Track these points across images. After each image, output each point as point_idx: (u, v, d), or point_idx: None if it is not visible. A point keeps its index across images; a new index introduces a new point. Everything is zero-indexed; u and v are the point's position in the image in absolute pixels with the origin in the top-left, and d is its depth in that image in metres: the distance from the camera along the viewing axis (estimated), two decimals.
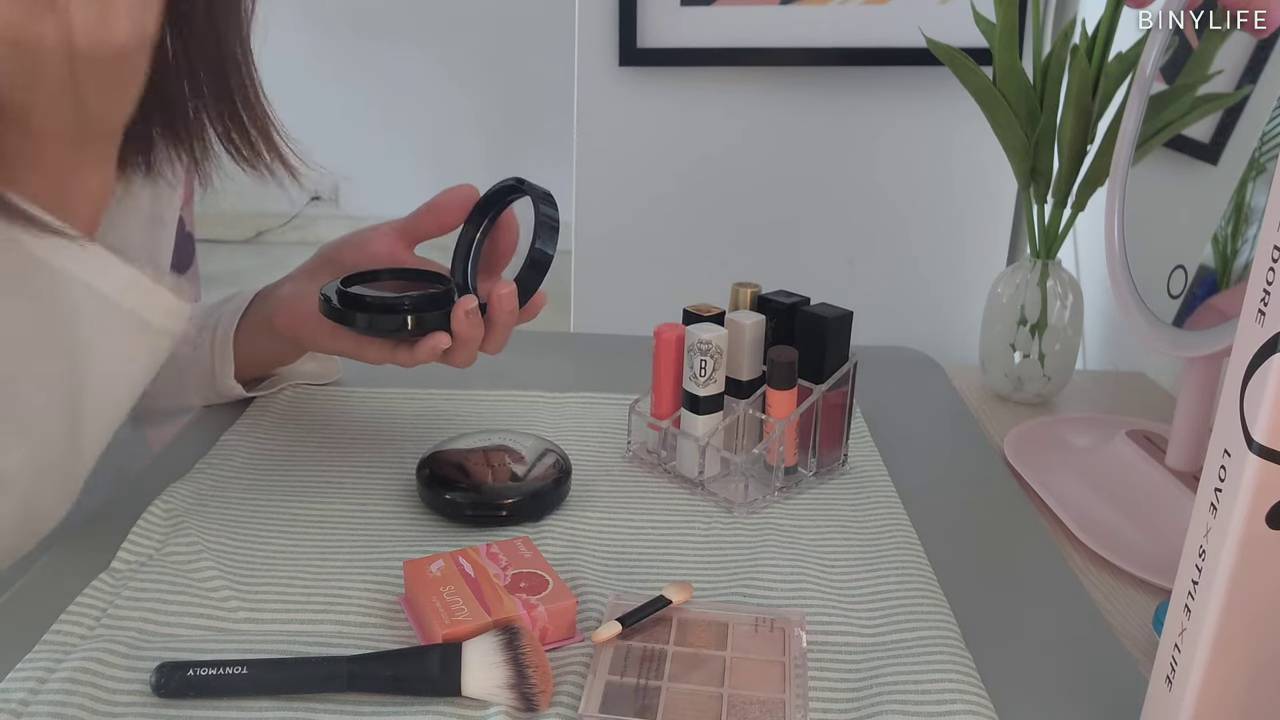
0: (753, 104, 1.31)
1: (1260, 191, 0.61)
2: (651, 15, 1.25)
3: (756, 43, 1.26)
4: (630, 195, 1.35)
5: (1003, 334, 0.86)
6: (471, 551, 0.54)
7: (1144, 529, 0.65)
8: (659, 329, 0.67)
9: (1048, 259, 0.85)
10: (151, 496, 0.61)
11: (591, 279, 1.39)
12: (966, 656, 0.50)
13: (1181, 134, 0.70)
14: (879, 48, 1.25)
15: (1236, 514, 0.36)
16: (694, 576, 0.57)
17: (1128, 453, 0.71)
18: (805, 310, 0.66)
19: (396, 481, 0.66)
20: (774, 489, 0.66)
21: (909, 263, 1.37)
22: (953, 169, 1.33)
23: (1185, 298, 0.66)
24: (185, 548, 0.57)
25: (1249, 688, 0.38)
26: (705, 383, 0.65)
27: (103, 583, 0.53)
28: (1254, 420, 0.35)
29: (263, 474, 0.66)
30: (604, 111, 1.31)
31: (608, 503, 0.64)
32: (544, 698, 0.46)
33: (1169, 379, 0.91)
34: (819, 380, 0.66)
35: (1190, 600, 0.39)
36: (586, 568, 0.57)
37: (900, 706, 0.46)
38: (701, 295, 0.72)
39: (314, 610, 0.53)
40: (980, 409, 0.85)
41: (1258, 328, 0.35)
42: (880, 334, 1.01)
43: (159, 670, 0.46)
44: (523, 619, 0.49)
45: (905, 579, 0.57)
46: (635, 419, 0.70)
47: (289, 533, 0.60)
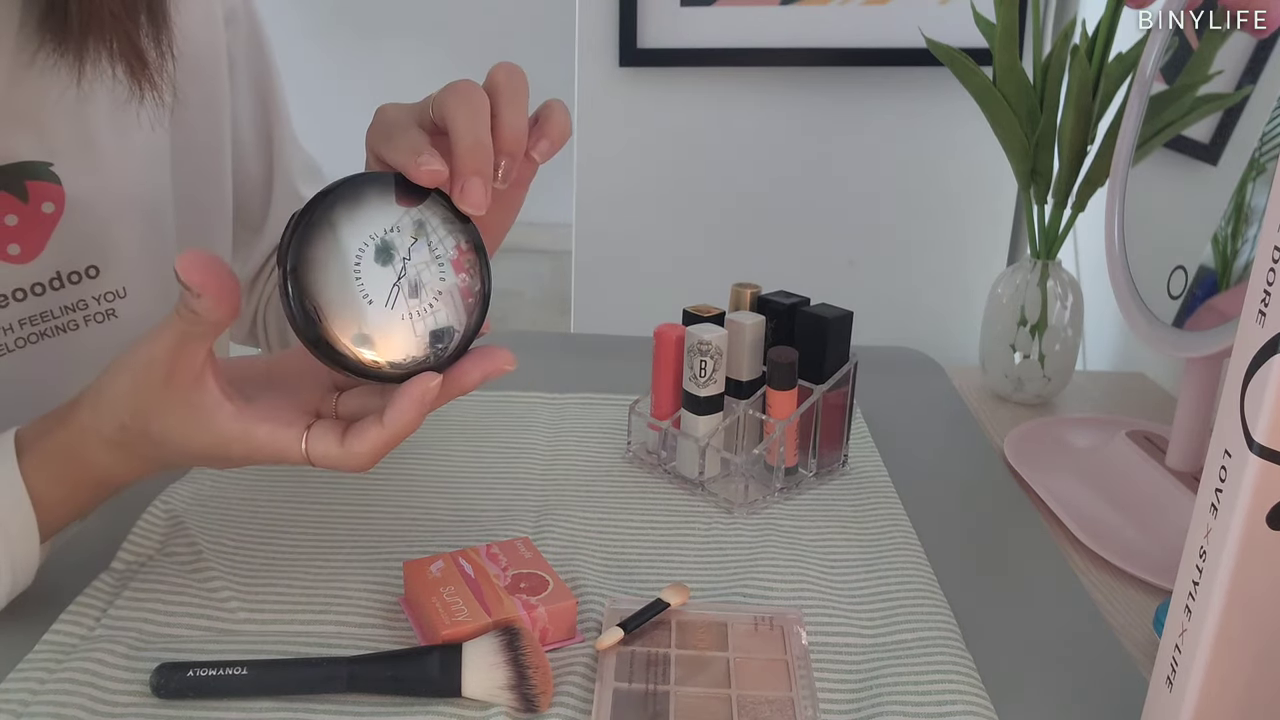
0: (753, 104, 1.31)
1: (1260, 191, 0.61)
2: (651, 15, 1.25)
3: (756, 43, 1.26)
4: (630, 195, 1.35)
5: (1003, 334, 0.86)
6: (471, 552, 0.54)
7: (1144, 529, 0.65)
8: (659, 329, 0.67)
9: (1048, 259, 0.85)
10: (151, 497, 0.61)
11: (591, 279, 1.39)
12: (966, 657, 0.50)
13: (1181, 134, 0.70)
14: (879, 48, 1.25)
15: (1237, 514, 0.36)
16: (694, 577, 0.57)
17: (1128, 453, 0.71)
18: (805, 311, 0.66)
19: (396, 482, 0.66)
20: (774, 489, 0.66)
21: (909, 263, 1.37)
22: (953, 169, 1.33)
23: (1185, 298, 0.66)
24: (185, 548, 0.57)
25: (1249, 688, 0.38)
26: (705, 383, 0.65)
27: (103, 583, 0.53)
28: (1254, 421, 0.35)
29: (262, 474, 0.66)
30: (604, 111, 1.31)
31: (608, 503, 0.64)
32: (544, 699, 0.46)
33: (1169, 379, 0.91)
34: (819, 381, 0.66)
35: (1190, 601, 0.39)
36: (586, 568, 0.57)
37: (900, 707, 0.46)
38: (701, 295, 0.72)
39: (314, 611, 0.53)
40: (980, 409, 0.85)
41: (1258, 328, 0.35)
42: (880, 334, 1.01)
43: (159, 671, 0.46)
44: (523, 619, 0.49)
45: (905, 579, 0.57)
46: (635, 419, 0.70)
47: (289, 533, 0.60)
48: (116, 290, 0.64)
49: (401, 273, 0.44)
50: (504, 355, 0.46)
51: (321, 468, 0.46)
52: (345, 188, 0.44)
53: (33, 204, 0.59)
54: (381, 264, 0.43)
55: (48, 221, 0.60)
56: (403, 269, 0.44)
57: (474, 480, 0.67)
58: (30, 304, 0.60)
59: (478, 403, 0.78)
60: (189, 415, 0.45)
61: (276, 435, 0.45)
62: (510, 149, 0.45)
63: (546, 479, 0.67)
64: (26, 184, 0.58)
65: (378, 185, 0.44)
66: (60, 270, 0.61)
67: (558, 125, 0.48)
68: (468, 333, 0.45)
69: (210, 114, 0.70)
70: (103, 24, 0.56)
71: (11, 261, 0.59)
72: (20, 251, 0.59)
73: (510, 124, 0.45)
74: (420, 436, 0.72)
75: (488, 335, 0.47)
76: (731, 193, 1.35)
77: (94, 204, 0.61)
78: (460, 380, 0.45)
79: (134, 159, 0.64)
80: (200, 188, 0.70)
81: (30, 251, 0.59)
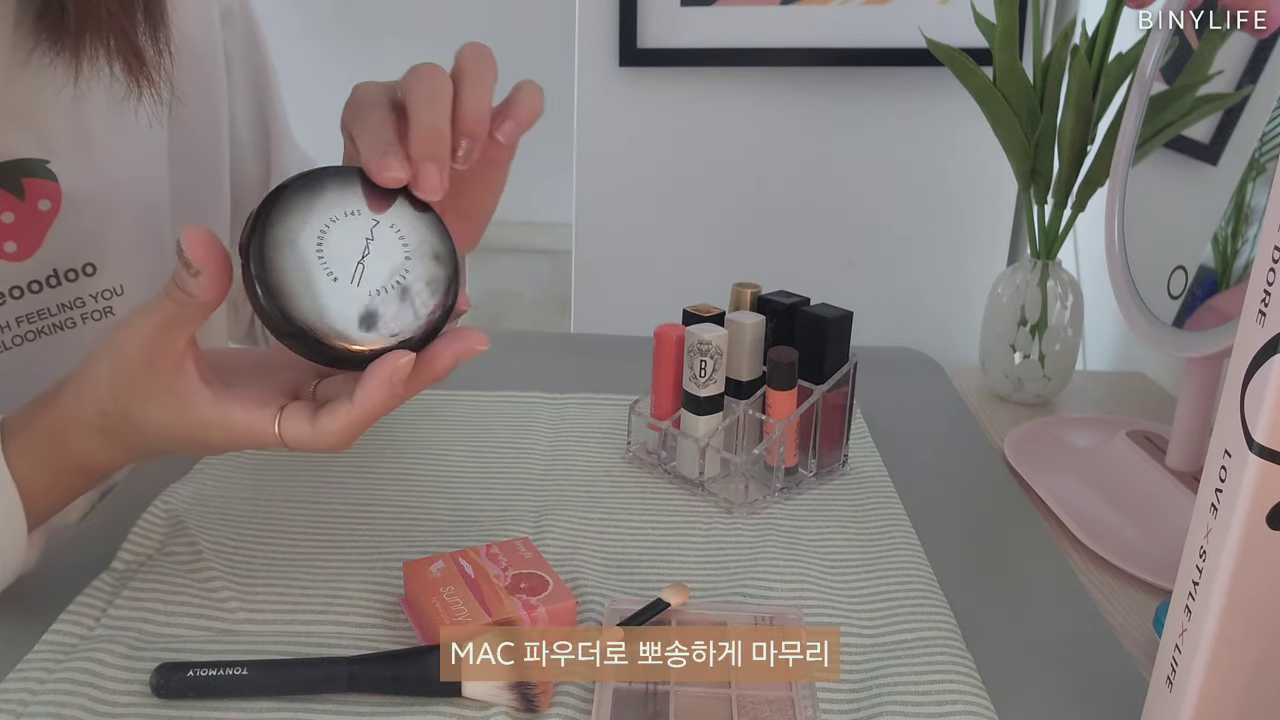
0: (753, 104, 1.31)
1: (1260, 191, 0.61)
2: (651, 15, 1.25)
3: (756, 43, 1.26)
4: (630, 195, 1.35)
5: (1003, 334, 0.86)
6: (471, 552, 0.54)
7: (1144, 529, 0.65)
8: (659, 329, 0.67)
9: (1048, 259, 0.85)
10: (151, 497, 0.61)
11: (591, 279, 1.39)
12: (967, 657, 0.50)
13: (1181, 134, 0.70)
14: (879, 48, 1.25)
15: (1237, 514, 0.36)
16: (694, 577, 0.57)
17: (1128, 453, 0.71)
18: (805, 310, 0.66)
19: (396, 481, 0.66)
20: (774, 489, 0.66)
21: (909, 263, 1.37)
22: (953, 169, 1.33)
23: (1185, 298, 0.66)
24: (185, 548, 0.57)
25: (1249, 688, 0.38)
26: (705, 383, 0.65)
27: (103, 583, 0.53)
28: (1254, 421, 0.35)
29: (262, 474, 0.66)
30: (604, 111, 1.31)
31: (608, 503, 0.64)
32: (544, 699, 0.46)
33: (1169, 379, 0.91)
34: (819, 381, 0.66)
35: (1190, 601, 0.39)
36: (586, 568, 0.57)
37: (900, 707, 0.46)
38: (701, 295, 0.72)
39: (314, 611, 0.53)
40: (980, 409, 0.85)
41: (1258, 328, 0.35)
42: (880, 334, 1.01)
43: (159, 671, 0.46)
44: (523, 619, 0.49)
45: (905, 579, 0.57)
46: (635, 419, 0.70)
47: (289, 533, 0.60)
48: (114, 288, 0.64)
49: (365, 253, 0.43)
50: (476, 335, 0.45)
51: (294, 449, 0.46)
52: (306, 177, 0.44)
53: (29, 201, 0.59)
54: (345, 246, 0.43)
55: (44, 219, 0.60)
56: (366, 249, 0.44)
57: (474, 480, 0.67)
58: (27, 301, 0.60)
59: (478, 403, 0.78)
60: (169, 401, 0.45)
61: (251, 417, 0.45)
62: (471, 130, 0.45)
63: (546, 479, 0.67)
64: (23, 181, 0.58)
65: (340, 175, 0.44)
66: (57, 268, 0.61)
67: (526, 106, 0.47)
68: (437, 315, 0.45)
69: (208, 112, 0.70)
70: (99, 22, 0.56)
71: (8, 259, 0.59)
72: (17, 249, 0.59)
73: (471, 105, 0.45)
74: (420, 436, 0.72)
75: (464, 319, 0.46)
76: (731, 193, 1.35)
77: (91, 202, 0.61)
78: (432, 362, 0.45)
79: (131, 157, 0.64)
80: (198, 186, 0.70)
81: (27, 249, 0.59)
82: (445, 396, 0.78)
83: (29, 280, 0.60)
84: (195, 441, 0.47)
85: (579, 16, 1.27)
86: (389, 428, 0.73)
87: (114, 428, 0.47)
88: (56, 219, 0.60)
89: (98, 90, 0.60)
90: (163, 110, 0.64)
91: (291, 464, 0.68)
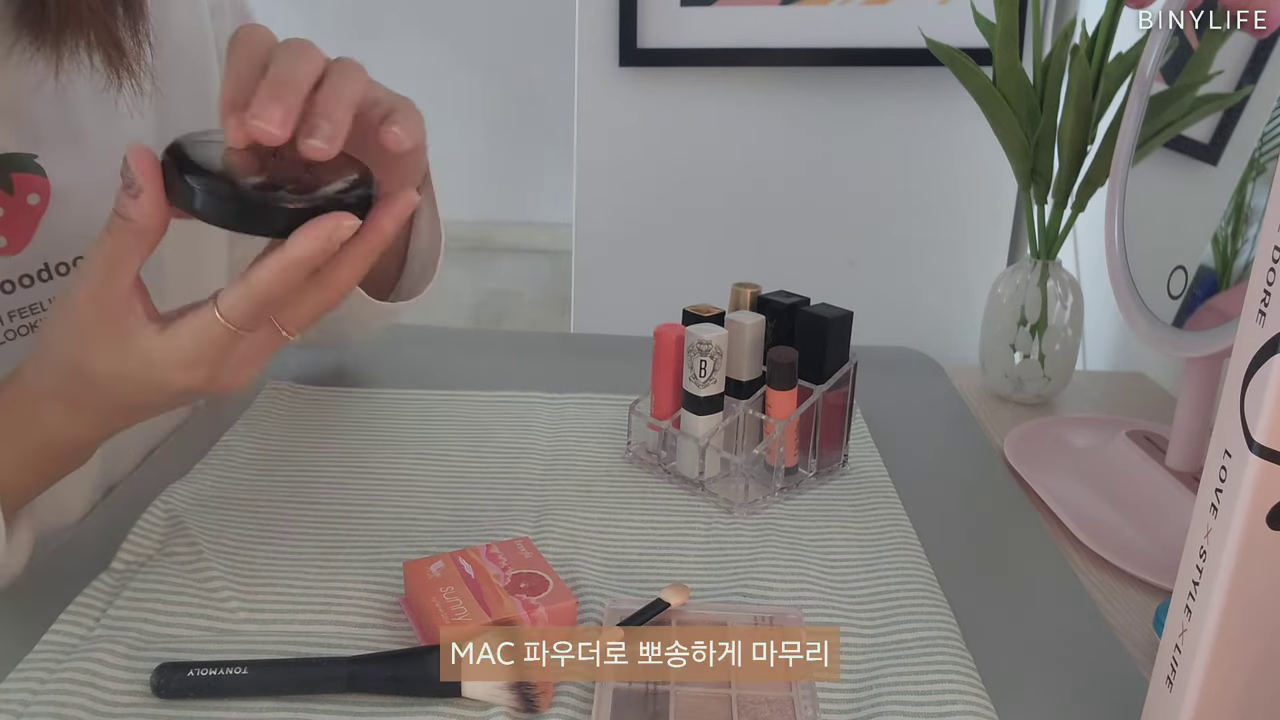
0: (753, 104, 1.31)
1: (1260, 191, 0.61)
2: (651, 15, 1.25)
3: (756, 43, 1.26)
4: (630, 195, 1.35)
5: (1003, 334, 0.86)
6: (471, 552, 0.54)
7: (1144, 529, 0.65)
8: (659, 329, 0.67)
9: (1048, 259, 0.85)
10: (151, 497, 0.61)
11: (591, 279, 1.39)
12: (967, 657, 0.50)
13: (1181, 134, 0.70)
14: (879, 48, 1.25)
15: (1237, 514, 0.36)
16: (694, 577, 0.57)
17: (1128, 453, 0.71)
18: (805, 310, 0.66)
19: (396, 481, 0.66)
20: (774, 489, 0.66)
21: (909, 263, 1.37)
22: (953, 169, 1.33)
23: (1185, 298, 0.66)
24: (185, 548, 0.57)
25: (1249, 688, 0.38)
26: (705, 383, 0.65)
27: (103, 583, 0.53)
28: (1254, 421, 0.35)
29: (262, 474, 0.66)
30: (604, 111, 1.31)
31: (608, 503, 0.64)
32: (544, 699, 0.46)
33: (1169, 379, 0.91)
34: (819, 381, 0.66)
35: (1190, 601, 0.39)
36: (586, 568, 0.57)
37: (900, 707, 0.46)
38: (701, 295, 0.72)
39: (314, 611, 0.53)
40: (980, 409, 0.85)
41: (1258, 328, 0.35)
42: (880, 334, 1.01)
43: (159, 671, 0.46)
44: (523, 619, 0.49)
45: (905, 579, 0.57)
46: (635, 419, 0.70)
47: (289, 533, 0.60)
48: None
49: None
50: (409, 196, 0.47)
51: (236, 325, 0.46)
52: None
53: (18, 196, 0.59)
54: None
55: (34, 213, 0.60)
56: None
57: (474, 480, 0.67)
58: (19, 296, 0.60)
59: (478, 403, 0.78)
60: (121, 345, 0.46)
61: (194, 321, 0.46)
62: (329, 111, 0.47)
63: (546, 479, 0.67)
64: (11, 176, 0.58)
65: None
66: (48, 262, 0.61)
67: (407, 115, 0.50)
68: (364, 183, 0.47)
69: (200, 106, 0.70)
70: (80, 18, 0.56)
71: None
72: (7, 244, 0.59)
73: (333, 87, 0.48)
74: (420, 436, 0.72)
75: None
76: (732, 193, 1.35)
77: (80, 195, 0.61)
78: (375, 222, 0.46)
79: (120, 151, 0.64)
80: None
81: (17, 244, 0.59)
82: (445, 396, 0.78)
83: (20, 275, 0.60)
84: (152, 385, 0.47)
85: (579, 16, 1.27)
86: (389, 428, 0.74)
87: (75, 391, 0.48)
88: (46, 213, 0.60)
89: (81, 84, 0.61)
90: (143, 100, 0.65)
91: (291, 464, 0.68)
